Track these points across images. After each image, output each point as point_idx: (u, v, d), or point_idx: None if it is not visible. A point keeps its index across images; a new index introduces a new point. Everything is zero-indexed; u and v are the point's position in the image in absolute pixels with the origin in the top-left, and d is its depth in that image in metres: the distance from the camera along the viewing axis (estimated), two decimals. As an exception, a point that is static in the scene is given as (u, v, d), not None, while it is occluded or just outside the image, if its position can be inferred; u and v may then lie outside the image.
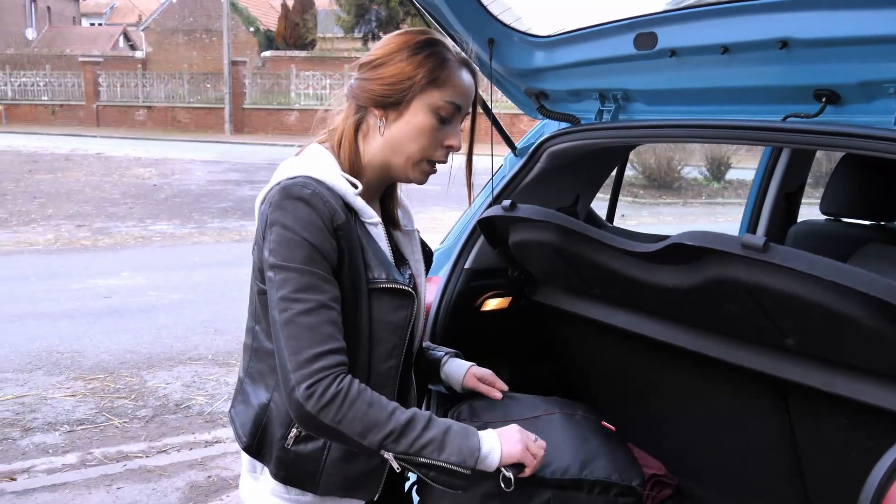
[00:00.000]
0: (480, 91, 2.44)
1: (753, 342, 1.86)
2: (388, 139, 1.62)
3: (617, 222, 3.25)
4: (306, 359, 1.44)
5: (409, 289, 1.62)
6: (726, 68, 1.89)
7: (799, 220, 3.39)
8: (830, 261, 1.44)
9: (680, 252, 1.68)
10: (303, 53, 33.12)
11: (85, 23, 53.79)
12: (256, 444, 1.68)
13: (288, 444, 1.62)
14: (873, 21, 1.58)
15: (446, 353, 2.02)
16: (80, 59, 32.74)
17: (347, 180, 1.59)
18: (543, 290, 2.49)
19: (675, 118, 2.07)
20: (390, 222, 1.79)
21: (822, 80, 1.72)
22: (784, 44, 1.72)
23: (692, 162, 17.35)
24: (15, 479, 4.02)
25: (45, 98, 32.64)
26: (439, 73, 1.59)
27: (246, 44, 35.90)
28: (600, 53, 2.14)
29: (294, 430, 1.62)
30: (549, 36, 2.28)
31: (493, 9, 2.28)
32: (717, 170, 17.15)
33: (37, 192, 14.46)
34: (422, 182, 1.68)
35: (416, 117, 1.59)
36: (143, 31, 38.69)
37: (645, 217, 14.17)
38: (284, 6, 36.20)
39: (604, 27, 2.11)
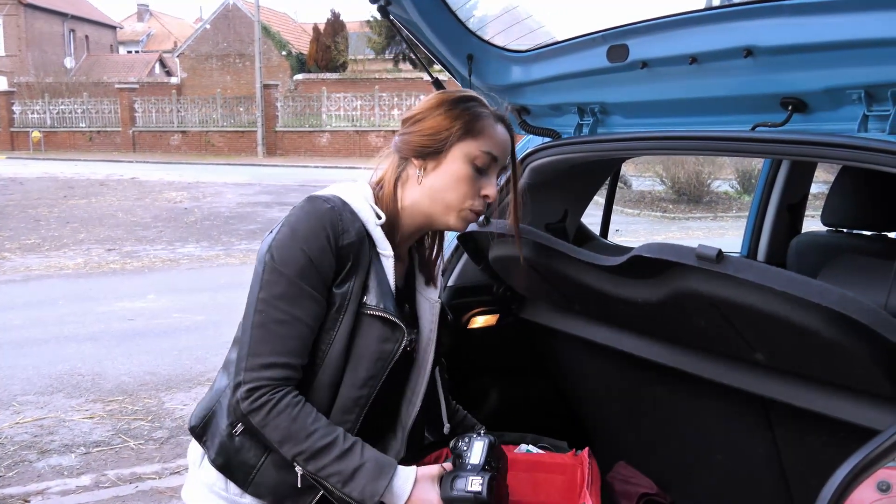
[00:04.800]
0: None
1: (728, 358, 1.83)
2: (427, 186, 1.68)
3: (611, 237, 3.21)
4: (261, 364, 1.54)
5: (399, 322, 1.64)
6: (696, 79, 1.86)
7: (803, 231, 3.33)
8: (783, 271, 1.41)
9: (641, 265, 1.66)
10: (334, 76, 33.48)
11: (122, 50, 54.92)
12: (202, 428, 1.74)
13: (235, 432, 1.66)
14: (834, 27, 1.55)
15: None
16: (117, 86, 33.51)
17: (374, 210, 1.66)
18: (530, 307, 2.47)
19: (649, 131, 2.05)
20: (420, 274, 1.84)
21: (788, 89, 1.70)
22: (749, 52, 1.69)
23: (722, 175, 17.14)
24: (29, 501, 4.06)
25: (83, 125, 33.40)
26: (475, 125, 1.66)
27: (278, 67, 36.40)
28: (575, 67, 2.13)
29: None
30: (526, 51, 2.27)
31: (472, 24, 2.28)
32: (748, 182, 16.91)
33: (70, 217, 14.74)
34: (462, 229, 1.73)
35: (454, 165, 1.66)
36: (177, 57, 39.45)
37: (674, 232, 14.04)
38: (316, 29, 36.64)
39: (577, 40, 2.09)
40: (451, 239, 2.48)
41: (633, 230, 13.63)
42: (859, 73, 1.58)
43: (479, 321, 2.53)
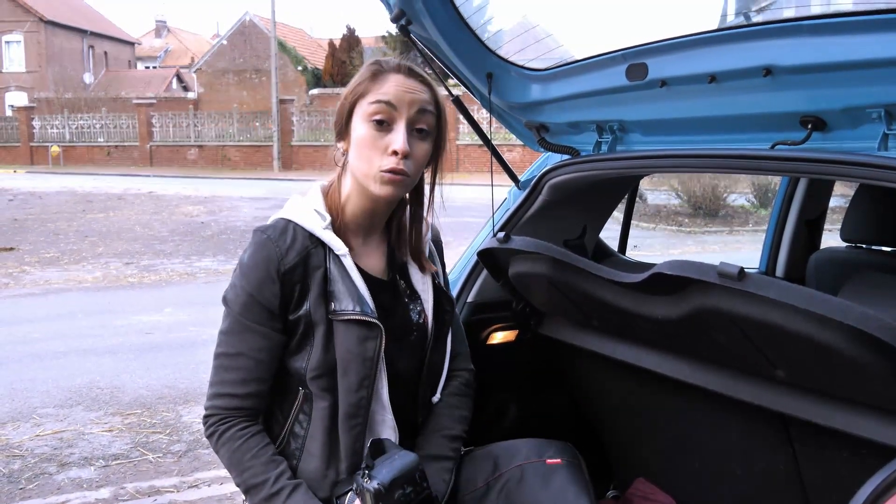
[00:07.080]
0: (483, 125, 2.47)
1: (748, 374, 1.83)
2: (349, 166, 1.67)
3: (629, 253, 3.22)
4: (212, 392, 1.69)
5: (373, 320, 1.62)
6: (715, 97, 1.87)
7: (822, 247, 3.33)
8: (805, 289, 1.41)
9: (663, 282, 1.67)
10: (349, 90, 33.61)
11: (140, 66, 55.46)
12: None
13: None
14: (853, 46, 1.56)
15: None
16: (135, 101, 33.86)
17: (319, 214, 1.65)
18: (549, 323, 2.47)
19: (668, 148, 2.06)
20: (401, 255, 1.82)
21: (807, 107, 1.70)
22: (768, 71, 1.70)
23: (738, 189, 17.06)
24: (49, 514, 4.10)
25: (101, 139, 33.74)
26: (368, 85, 1.63)
27: (294, 82, 36.64)
28: (594, 85, 2.14)
29: None
30: (545, 69, 2.28)
31: (490, 43, 2.31)
32: (765, 196, 16.82)
33: (88, 231, 14.86)
34: (390, 193, 1.64)
35: (357, 132, 1.63)
36: (194, 72, 39.80)
37: (690, 246, 13.98)
38: (331, 45, 36.90)
39: (596, 59, 2.11)
40: (470, 255, 2.50)
41: (648, 244, 13.59)
42: (879, 92, 1.58)
43: (498, 337, 2.54)
